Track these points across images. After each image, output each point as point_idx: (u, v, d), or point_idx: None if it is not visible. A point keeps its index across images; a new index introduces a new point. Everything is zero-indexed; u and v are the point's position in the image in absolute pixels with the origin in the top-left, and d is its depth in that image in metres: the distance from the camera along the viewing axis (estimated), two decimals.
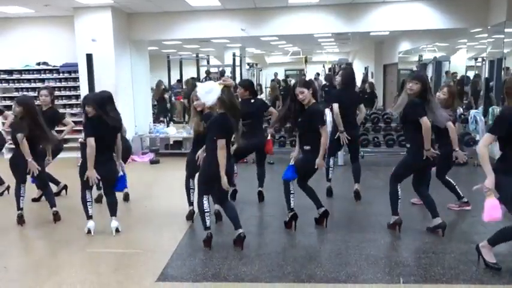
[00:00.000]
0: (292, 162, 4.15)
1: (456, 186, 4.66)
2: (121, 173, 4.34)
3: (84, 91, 8.03)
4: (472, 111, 7.07)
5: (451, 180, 4.64)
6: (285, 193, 4.14)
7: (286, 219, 4.19)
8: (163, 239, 4.04)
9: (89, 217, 4.16)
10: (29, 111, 4.32)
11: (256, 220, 4.43)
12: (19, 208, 4.50)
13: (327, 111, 5.60)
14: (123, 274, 3.32)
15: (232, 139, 3.83)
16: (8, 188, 5.49)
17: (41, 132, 4.34)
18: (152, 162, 7.58)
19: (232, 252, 3.67)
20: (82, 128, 4.53)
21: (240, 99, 4.75)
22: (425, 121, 3.66)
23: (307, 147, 4.02)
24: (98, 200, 5.01)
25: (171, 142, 8.28)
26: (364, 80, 14.07)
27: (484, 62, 8.57)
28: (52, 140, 4.57)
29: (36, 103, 4.66)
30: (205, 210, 3.70)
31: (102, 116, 4.02)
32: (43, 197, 5.00)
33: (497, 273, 3.18)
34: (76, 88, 8.36)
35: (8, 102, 8.24)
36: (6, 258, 3.67)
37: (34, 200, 5.27)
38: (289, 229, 4.17)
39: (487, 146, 3.03)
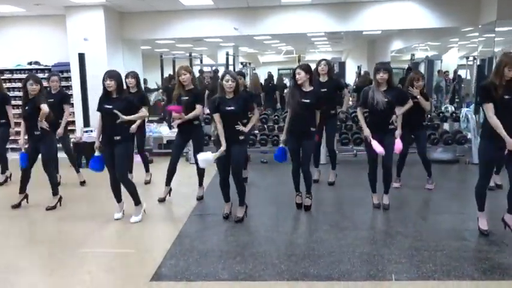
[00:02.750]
0: (282, 145, 4.59)
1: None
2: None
3: (76, 91, 8.00)
4: (464, 110, 7.14)
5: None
6: (309, 179, 4.56)
7: (298, 201, 4.70)
8: (157, 238, 4.04)
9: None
10: (42, 89, 4.80)
11: (249, 219, 4.44)
12: (57, 192, 4.96)
13: None
14: (117, 274, 3.31)
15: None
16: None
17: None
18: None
19: (226, 251, 3.68)
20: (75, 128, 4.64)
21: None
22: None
23: (313, 129, 4.47)
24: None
25: (164, 142, 8.26)
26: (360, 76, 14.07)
27: (475, 61, 8.65)
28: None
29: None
30: None
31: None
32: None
33: (488, 270, 3.22)
34: (68, 88, 8.31)
35: None
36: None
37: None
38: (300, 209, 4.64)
39: (492, 115, 3.49)
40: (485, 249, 3.58)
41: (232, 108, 4.08)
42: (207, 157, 4.16)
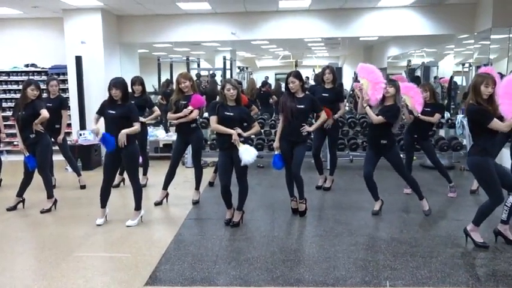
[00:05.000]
0: (277, 152, 4.57)
1: None
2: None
3: (73, 93, 7.98)
4: (459, 117, 7.18)
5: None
6: (300, 184, 4.53)
7: (294, 206, 4.73)
8: (152, 242, 4.02)
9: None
10: (41, 95, 4.89)
11: (245, 224, 4.43)
12: (52, 195, 4.95)
13: None
14: (111, 278, 3.30)
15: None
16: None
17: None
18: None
19: (221, 256, 3.67)
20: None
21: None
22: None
23: (305, 133, 4.51)
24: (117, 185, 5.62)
25: (161, 145, 8.26)
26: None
27: (470, 68, 8.71)
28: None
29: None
30: None
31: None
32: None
33: (483, 277, 3.23)
34: (65, 90, 8.29)
35: None
36: None
37: None
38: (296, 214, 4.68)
39: (502, 123, 3.47)
40: (480, 256, 3.59)
41: (231, 114, 4.13)
42: (247, 150, 4.08)
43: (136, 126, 4.27)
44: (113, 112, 4.25)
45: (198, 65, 15.26)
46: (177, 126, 5.03)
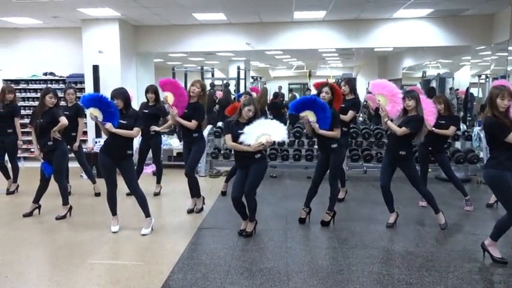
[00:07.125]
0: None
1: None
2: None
3: None
4: (476, 129, 7.08)
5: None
6: (334, 192, 4.66)
7: (303, 215, 4.77)
8: (165, 251, 4.03)
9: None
10: (58, 103, 4.99)
11: (258, 234, 4.41)
12: (68, 202, 5.02)
13: None
14: (124, 286, 3.30)
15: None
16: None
17: None
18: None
19: (234, 266, 3.65)
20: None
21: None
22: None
23: (334, 145, 4.49)
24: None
25: (174, 154, 8.30)
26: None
27: (487, 79, 8.60)
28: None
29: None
30: None
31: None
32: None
33: None
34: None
35: None
36: (7, 267, 3.67)
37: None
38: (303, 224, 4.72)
39: None
40: (498, 272, 3.51)
41: (244, 132, 4.10)
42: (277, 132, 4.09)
43: (132, 131, 4.29)
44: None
45: (212, 75, 15.38)
46: (182, 133, 5.10)
